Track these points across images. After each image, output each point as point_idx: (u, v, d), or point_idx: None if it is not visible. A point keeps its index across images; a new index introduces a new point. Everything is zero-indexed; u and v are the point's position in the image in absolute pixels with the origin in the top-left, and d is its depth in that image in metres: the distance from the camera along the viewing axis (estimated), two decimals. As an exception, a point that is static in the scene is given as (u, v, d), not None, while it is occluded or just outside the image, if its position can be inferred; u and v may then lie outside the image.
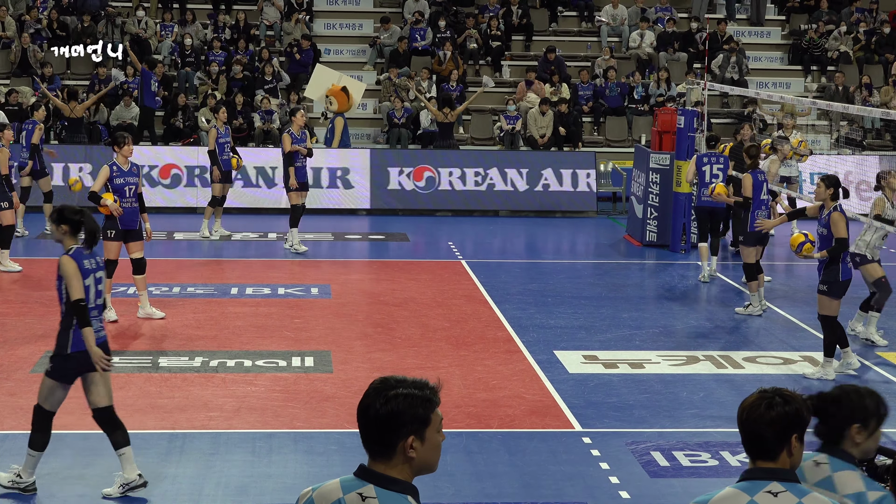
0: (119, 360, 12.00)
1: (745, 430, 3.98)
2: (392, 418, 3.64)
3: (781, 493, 3.89)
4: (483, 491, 8.77)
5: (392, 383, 3.68)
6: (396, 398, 3.65)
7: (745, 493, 3.93)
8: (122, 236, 13.42)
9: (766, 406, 3.93)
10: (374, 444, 3.69)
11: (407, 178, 22.11)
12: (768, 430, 3.92)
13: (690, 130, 18.21)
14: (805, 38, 27.31)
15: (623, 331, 13.71)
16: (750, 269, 14.50)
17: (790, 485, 3.92)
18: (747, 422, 3.96)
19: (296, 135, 17.73)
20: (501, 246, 19.32)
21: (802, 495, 3.90)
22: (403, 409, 3.64)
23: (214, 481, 8.90)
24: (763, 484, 3.92)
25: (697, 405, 10.96)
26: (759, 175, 14.48)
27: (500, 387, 11.36)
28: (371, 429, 3.66)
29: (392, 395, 3.65)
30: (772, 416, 3.92)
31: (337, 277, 16.39)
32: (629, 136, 24.95)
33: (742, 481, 3.97)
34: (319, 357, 12.30)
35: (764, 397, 3.96)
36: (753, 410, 3.95)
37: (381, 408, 3.64)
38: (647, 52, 26.65)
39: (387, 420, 3.64)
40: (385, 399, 3.64)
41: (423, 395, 3.68)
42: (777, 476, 3.93)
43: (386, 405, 3.64)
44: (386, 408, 3.64)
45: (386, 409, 3.64)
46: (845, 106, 16.61)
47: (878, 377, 12.08)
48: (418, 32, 26.49)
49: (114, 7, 26.62)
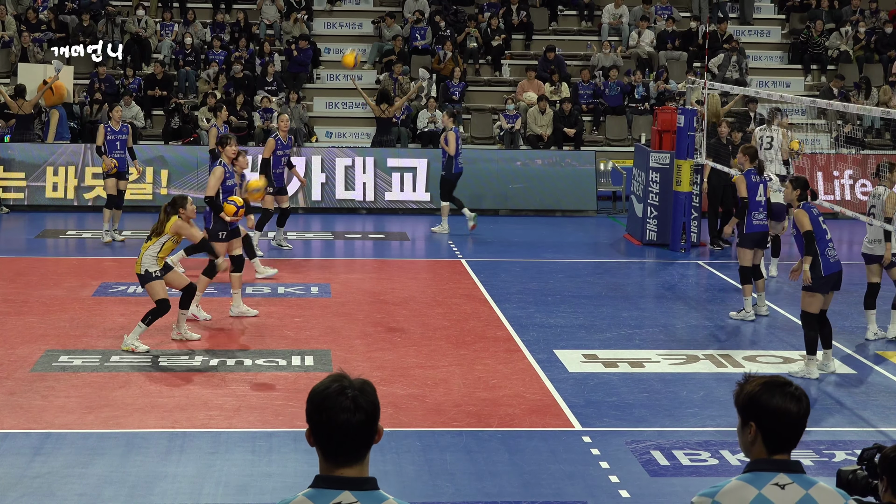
0: (119, 358, 12.02)
1: (764, 424, 3.90)
2: (373, 417, 3.58)
3: (789, 485, 3.87)
4: (483, 490, 8.77)
5: (342, 386, 3.59)
6: (364, 394, 3.58)
7: (752, 485, 3.89)
8: (230, 236, 13.57)
9: (794, 401, 3.89)
10: (353, 453, 3.60)
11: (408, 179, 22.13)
12: (793, 430, 3.89)
13: (690, 129, 18.23)
14: (804, 33, 27.29)
15: (623, 330, 13.71)
16: (745, 273, 14.24)
17: (797, 476, 3.89)
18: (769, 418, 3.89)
19: (282, 141, 17.32)
20: (501, 245, 19.32)
21: (809, 486, 3.89)
22: (376, 403, 3.60)
23: (214, 480, 8.90)
24: (769, 476, 3.89)
25: (697, 404, 10.97)
26: (753, 176, 14.28)
27: (500, 386, 11.36)
28: (353, 438, 3.58)
29: (358, 394, 3.57)
30: (799, 411, 3.89)
31: (337, 276, 16.40)
32: (629, 135, 24.96)
33: (747, 472, 3.94)
34: (319, 356, 12.30)
35: (786, 393, 3.90)
36: (780, 405, 3.89)
37: (360, 413, 3.56)
38: (647, 52, 26.65)
39: (368, 421, 3.58)
40: (355, 403, 3.56)
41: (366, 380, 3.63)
42: (783, 467, 3.90)
43: (364, 406, 3.57)
44: (367, 409, 3.57)
45: (368, 411, 3.57)
46: (845, 105, 16.60)
47: (878, 377, 12.09)
48: (418, 31, 26.50)
49: (114, 6, 26.63)
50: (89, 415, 10.27)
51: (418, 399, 10.80)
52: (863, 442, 9.56)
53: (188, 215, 12.36)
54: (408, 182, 22.17)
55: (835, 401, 11.24)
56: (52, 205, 21.45)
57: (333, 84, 26.38)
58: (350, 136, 25.00)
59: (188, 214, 12.37)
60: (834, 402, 11.21)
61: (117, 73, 24.97)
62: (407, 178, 22.16)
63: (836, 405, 11.10)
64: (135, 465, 9.08)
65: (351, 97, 25.69)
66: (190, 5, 27.31)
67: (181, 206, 12.30)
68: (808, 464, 9.34)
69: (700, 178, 18.55)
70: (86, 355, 12.14)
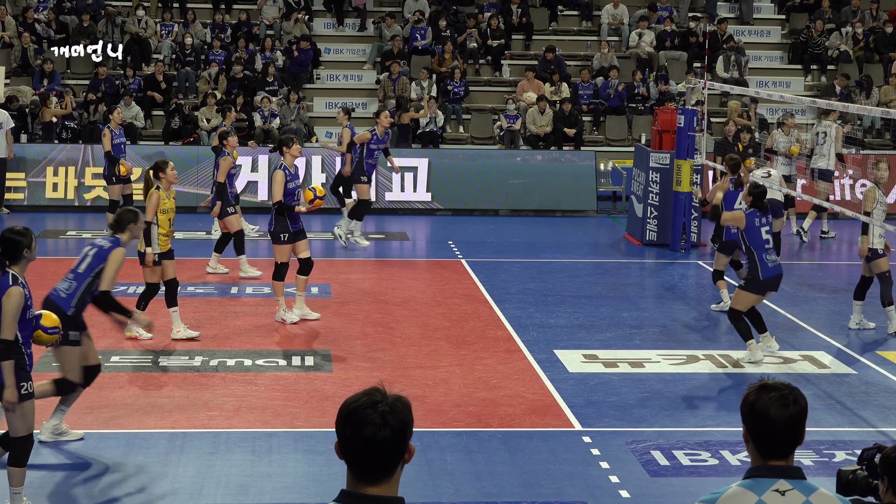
0: (119, 359, 12.03)
1: (759, 431, 3.89)
2: (401, 435, 3.47)
3: (789, 492, 3.84)
4: (483, 490, 8.77)
5: (374, 401, 3.48)
6: (395, 411, 3.47)
7: (752, 491, 3.86)
8: (293, 238, 13.40)
9: (781, 405, 3.85)
10: (379, 469, 3.49)
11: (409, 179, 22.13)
12: (788, 434, 3.86)
13: (690, 129, 18.23)
14: (804, 33, 27.29)
15: (623, 330, 13.71)
16: (718, 275, 14.67)
17: (797, 482, 3.87)
18: (762, 424, 3.87)
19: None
20: (501, 245, 19.32)
21: (810, 492, 3.86)
22: (408, 419, 3.49)
23: (214, 480, 8.90)
24: (770, 482, 3.86)
25: (697, 404, 10.97)
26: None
27: (500, 386, 11.36)
28: (378, 454, 3.46)
29: (388, 410, 3.46)
30: (788, 416, 3.85)
31: (337, 277, 16.40)
32: (629, 135, 24.95)
33: (747, 479, 3.92)
34: (319, 356, 12.30)
35: (778, 397, 3.87)
36: (767, 411, 3.86)
37: (388, 427, 3.45)
38: (647, 52, 26.64)
39: (396, 439, 3.46)
40: (384, 419, 3.45)
41: (403, 398, 3.53)
42: (784, 473, 3.87)
43: (392, 423, 3.45)
44: (394, 426, 3.46)
45: (396, 428, 3.46)
46: (845, 105, 16.61)
47: (878, 377, 12.09)
48: (419, 32, 26.50)
49: (114, 6, 26.63)
50: (89, 415, 10.27)
51: (418, 399, 10.79)
52: (863, 442, 9.55)
53: (168, 180, 12.76)
54: (408, 182, 22.17)
55: (835, 401, 11.24)
56: (52, 205, 21.45)
57: (333, 84, 26.38)
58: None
59: (168, 179, 12.76)
60: (834, 401, 11.21)
61: (117, 73, 24.97)
62: (408, 177, 22.16)
63: (836, 405, 11.10)
64: (135, 465, 9.08)
65: (351, 97, 25.69)
66: (190, 5, 27.31)
67: (161, 171, 12.76)
68: (808, 464, 9.34)
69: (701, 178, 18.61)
70: (86, 355, 12.13)
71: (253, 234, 18.85)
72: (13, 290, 7.73)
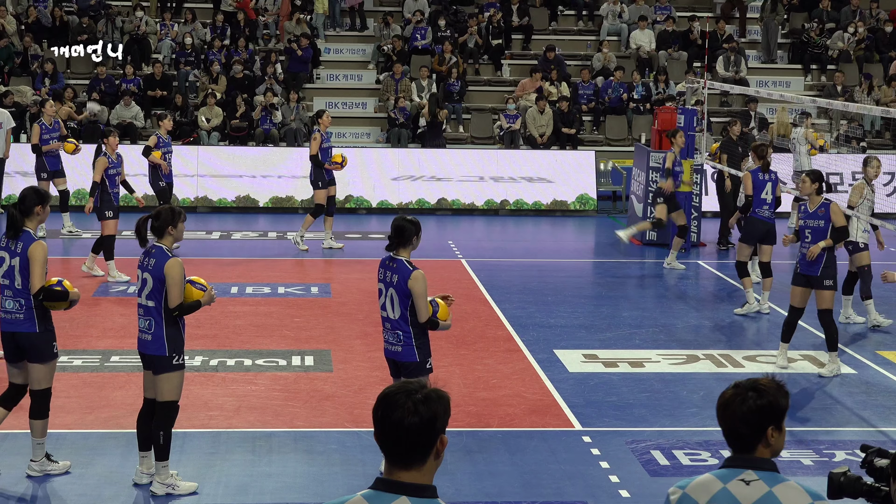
0: (119, 359, 12.02)
1: (722, 426, 4.07)
2: (430, 424, 3.56)
3: (754, 482, 3.98)
4: (483, 490, 8.77)
5: (409, 390, 3.59)
6: (428, 401, 3.57)
7: (720, 479, 4.03)
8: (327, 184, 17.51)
9: (740, 401, 4.01)
10: (408, 455, 3.58)
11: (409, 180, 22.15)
12: (743, 426, 4.01)
13: (690, 129, 18.23)
14: (804, 33, 27.28)
15: (623, 330, 13.71)
16: (741, 267, 14.69)
17: (765, 473, 4.00)
18: (724, 418, 4.05)
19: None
20: (501, 245, 19.31)
21: (775, 483, 3.98)
22: (440, 411, 3.59)
23: (214, 480, 8.90)
24: (738, 472, 4.02)
25: (697, 404, 10.97)
26: (760, 174, 14.46)
27: (500, 386, 11.36)
28: (406, 440, 3.55)
29: (421, 400, 3.56)
30: (744, 411, 4.00)
31: (337, 276, 16.40)
32: (629, 134, 24.95)
33: (722, 468, 4.08)
34: (319, 356, 12.30)
35: (738, 393, 4.04)
36: (728, 406, 4.03)
37: (417, 414, 3.54)
38: (647, 52, 26.64)
39: (424, 426, 3.55)
40: (415, 407, 3.55)
41: (441, 392, 3.64)
42: (753, 465, 4.01)
43: (423, 412, 3.55)
44: (424, 415, 3.55)
45: (425, 417, 3.55)
46: (845, 104, 16.61)
47: (878, 377, 12.09)
48: (419, 31, 26.49)
49: (114, 6, 26.63)
50: (89, 415, 10.28)
51: (418, 399, 10.78)
52: (863, 442, 9.54)
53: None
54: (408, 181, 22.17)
55: (835, 401, 11.24)
56: (51, 205, 21.37)
57: (333, 84, 26.38)
58: (350, 135, 24.98)
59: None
60: (834, 402, 11.21)
61: (117, 73, 24.96)
62: (407, 177, 22.19)
63: (836, 405, 11.10)
64: (135, 466, 9.07)
65: (351, 97, 25.70)
66: (190, 5, 27.29)
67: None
68: (808, 464, 9.35)
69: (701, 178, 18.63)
70: (86, 355, 12.15)
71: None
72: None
